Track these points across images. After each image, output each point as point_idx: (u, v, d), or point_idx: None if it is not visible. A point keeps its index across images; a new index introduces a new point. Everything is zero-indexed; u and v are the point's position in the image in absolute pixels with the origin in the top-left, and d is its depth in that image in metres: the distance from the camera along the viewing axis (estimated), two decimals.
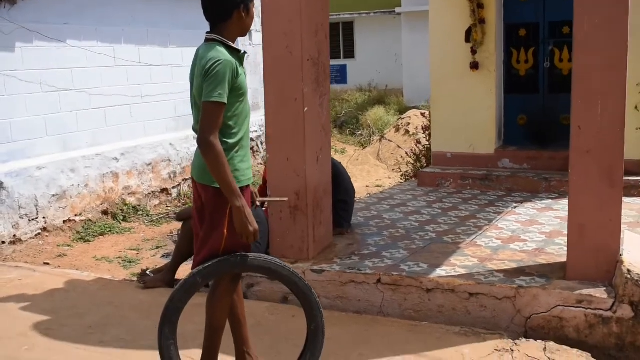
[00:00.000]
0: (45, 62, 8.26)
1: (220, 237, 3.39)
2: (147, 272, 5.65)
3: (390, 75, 22.30)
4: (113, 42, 9.27)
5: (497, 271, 4.87)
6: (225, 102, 3.24)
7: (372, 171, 11.96)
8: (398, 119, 14.41)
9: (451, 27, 8.26)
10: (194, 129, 3.44)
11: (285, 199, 3.92)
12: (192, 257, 5.57)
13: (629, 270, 4.29)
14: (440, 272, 4.91)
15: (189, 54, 10.49)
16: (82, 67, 8.78)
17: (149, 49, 9.90)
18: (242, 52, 3.47)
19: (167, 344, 3.34)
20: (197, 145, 3.34)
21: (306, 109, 5.11)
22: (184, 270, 5.78)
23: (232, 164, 3.36)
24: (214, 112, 3.21)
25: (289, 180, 5.20)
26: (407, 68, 20.81)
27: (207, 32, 3.50)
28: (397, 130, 13.38)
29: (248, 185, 3.53)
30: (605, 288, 4.44)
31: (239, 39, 3.62)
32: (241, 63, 3.43)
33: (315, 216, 5.35)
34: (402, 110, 17.68)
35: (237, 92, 3.36)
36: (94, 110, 8.95)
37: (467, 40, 8.12)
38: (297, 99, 5.09)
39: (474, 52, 8.12)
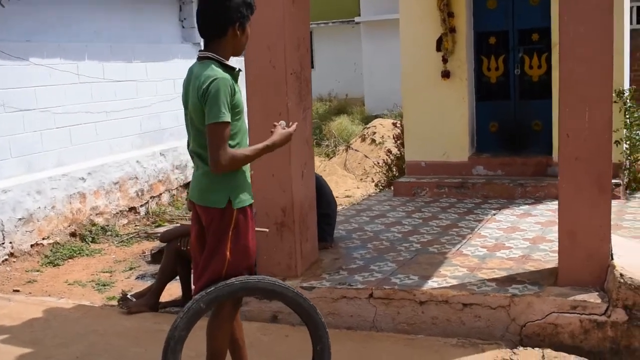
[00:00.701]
0: (7, 82, 8.01)
1: (222, 261, 3.32)
2: (129, 296, 5.48)
3: (350, 85, 22.38)
4: (77, 58, 9.05)
5: (489, 280, 4.86)
6: (229, 120, 3.20)
7: (340, 181, 11.91)
8: (363, 129, 14.41)
9: (422, 36, 8.29)
10: (192, 150, 3.36)
11: (267, 229, 3.88)
12: (177, 277, 5.48)
13: (621, 275, 4.32)
14: (432, 283, 4.88)
15: (153, 68, 10.42)
16: (46, 86, 8.55)
17: (113, 64, 9.70)
18: (237, 69, 3.40)
19: (180, 335, 3.24)
20: (195, 169, 3.33)
21: (291, 123, 5.02)
22: (169, 294, 5.66)
23: (234, 183, 3.33)
24: (220, 133, 3.17)
25: (274, 197, 5.12)
26: (367, 77, 20.90)
27: (200, 51, 3.43)
28: (363, 139, 13.38)
29: (251, 205, 3.44)
30: (597, 293, 4.46)
31: None
32: (236, 80, 3.37)
33: (302, 232, 5.28)
34: (366, 119, 17.72)
35: (234, 110, 3.31)
36: (58, 130, 8.71)
37: (438, 49, 8.15)
38: (281, 113, 5.01)
39: (445, 60, 8.15)
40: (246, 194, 3.40)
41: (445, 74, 8.16)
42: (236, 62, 5.02)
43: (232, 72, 3.36)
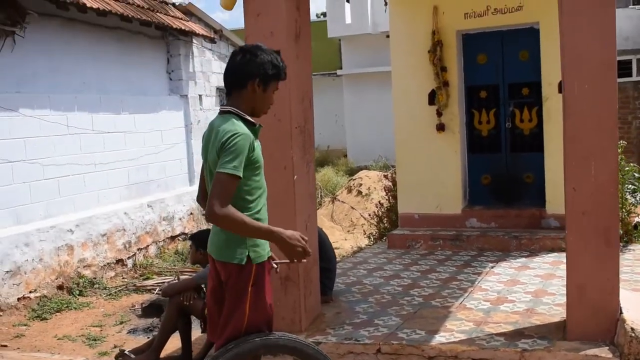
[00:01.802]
0: None
1: (242, 315, 3.27)
2: (127, 352, 5.34)
3: (332, 136, 22.53)
4: (66, 109, 9.02)
5: (497, 334, 4.83)
6: (240, 175, 3.14)
7: (328, 233, 11.80)
8: (349, 180, 14.45)
9: (414, 90, 8.41)
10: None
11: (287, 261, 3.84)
12: (177, 331, 5.37)
13: (632, 329, 4.32)
14: (440, 338, 4.83)
15: (141, 120, 10.41)
16: (36, 137, 8.48)
17: (102, 116, 9.68)
18: (258, 125, 3.39)
19: None
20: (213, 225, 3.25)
21: (295, 176, 5.03)
22: (168, 348, 5.53)
23: (251, 239, 3.27)
24: (226, 184, 3.10)
25: (279, 250, 5.05)
26: (349, 129, 21.08)
27: (222, 105, 3.43)
28: (349, 191, 13.40)
29: (269, 258, 3.41)
30: (608, 347, 4.44)
31: None
32: (256, 136, 3.35)
33: (306, 286, 5.23)
34: (350, 170, 17.78)
35: (254, 165, 3.28)
36: (47, 181, 8.62)
37: (431, 102, 8.26)
38: (286, 166, 5.01)
39: (439, 114, 8.25)
40: (265, 247, 3.37)
41: (441, 127, 8.25)
42: None
43: (253, 127, 3.35)
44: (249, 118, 3.36)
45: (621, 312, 4.52)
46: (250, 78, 3.33)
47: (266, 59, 3.33)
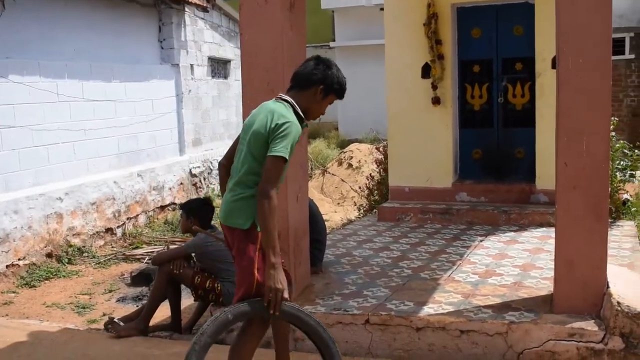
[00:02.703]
0: None
1: (251, 277, 3.45)
2: (116, 320, 5.35)
3: None
4: (56, 77, 8.94)
5: (484, 307, 4.86)
6: (288, 159, 3.39)
7: (318, 205, 11.85)
8: (340, 153, 14.43)
9: (408, 63, 8.36)
10: (236, 176, 3.53)
11: None
12: (167, 299, 5.39)
13: (618, 303, 4.35)
14: (428, 309, 4.86)
15: (132, 88, 10.34)
16: (25, 103, 8.42)
17: (93, 84, 9.60)
18: (305, 124, 3.63)
19: (206, 342, 3.38)
20: (228, 187, 3.55)
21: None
22: (157, 316, 5.54)
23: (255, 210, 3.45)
24: (278, 167, 3.35)
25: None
26: (341, 102, 20.86)
27: (280, 95, 3.65)
28: (340, 163, 13.39)
29: None
30: (594, 320, 4.49)
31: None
32: (302, 133, 3.59)
33: (296, 256, 5.24)
34: (340, 143, 17.75)
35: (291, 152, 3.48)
36: (36, 148, 8.57)
37: (424, 76, 8.23)
38: None
39: (434, 87, 8.22)
40: None
41: (436, 100, 8.22)
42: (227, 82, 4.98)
43: (301, 123, 3.57)
44: (301, 114, 3.57)
45: (608, 287, 4.56)
46: (316, 84, 3.60)
47: (335, 75, 3.63)
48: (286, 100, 3.56)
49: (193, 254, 5.38)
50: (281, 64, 4.98)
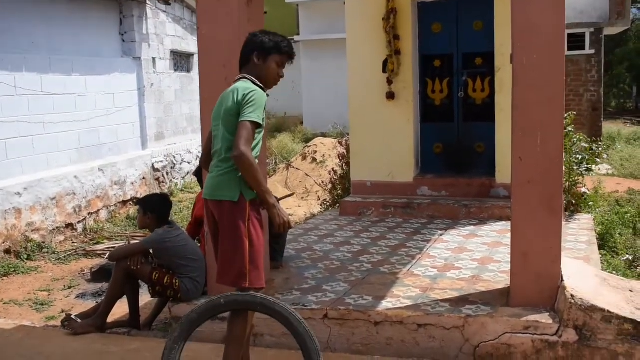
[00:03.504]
0: None
1: (244, 251, 3.58)
2: (73, 317, 5.28)
3: (288, 103, 22.41)
4: (14, 70, 8.78)
5: (442, 301, 4.91)
6: (261, 123, 3.58)
7: (282, 200, 11.85)
8: (304, 147, 14.42)
9: (368, 57, 8.39)
10: (219, 155, 3.70)
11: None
12: (125, 296, 5.34)
13: (572, 296, 4.42)
14: (386, 304, 4.88)
15: (93, 82, 10.21)
16: None
17: (52, 77, 9.45)
18: (266, 92, 3.75)
19: (172, 345, 3.52)
20: (211, 167, 3.73)
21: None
22: (117, 312, 5.50)
23: (242, 181, 3.61)
24: (250, 130, 3.51)
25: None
26: (306, 96, 20.99)
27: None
28: (304, 158, 13.38)
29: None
30: (549, 313, 4.55)
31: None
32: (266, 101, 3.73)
33: None
34: (305, 138, 17.75)
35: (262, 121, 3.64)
36: None
37: (384, 70, 8.26)
38: None
39: (389, 82, 8.27)
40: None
41: (390, 95, 8.27)
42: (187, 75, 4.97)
43: (263, 91, 3.74)
44: (258, 83, 3.74)
45: (562, 280, 4.63)
46: (251, 52, 3.82)
47: (264, 38, 3.81)
48: (243, 77, 3.76)
49: (151, 250, 5.33)
50: (238, 59, 4.94)
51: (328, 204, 9.62)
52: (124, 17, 11.32)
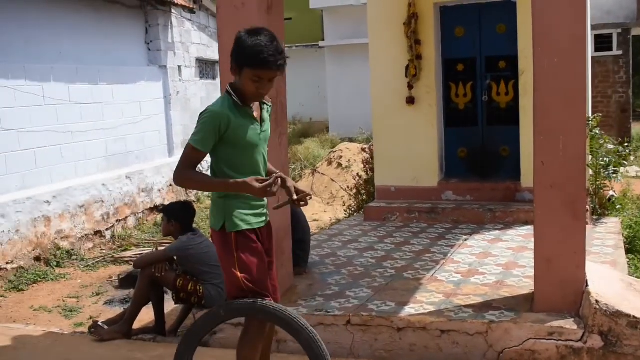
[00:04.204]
0: None
1: (234, 278, 3.45)
2: (100, 324, 5.36)
3: (314, 108, 22.47)
4: (42, 80, 8.94)
5: (465, 306, 4.89)
6: (200, 148, 3.35)
7: (307, 205, 11.87)
8: (329, 152, 14.44)
9: (391, 62, 8.39)
10: None
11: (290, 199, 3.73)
12: (150, 303, 5.40)
13: (597, 301, 4.38)
14: (409, 310, 4.88)
15: (120, 90, 10.34)
16: (10, 107, 8.42)
17: (79, 86, 9.60)
18: (249, 108, 3.44)
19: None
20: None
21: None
22: (139, 320, 5.56)
23: (229, 210, 3.43)
24: (188, 152, 3.37)
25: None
26: (331, 101, 21.01)
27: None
28: (330, 163, 13.39)
29: (256, 229, 3.52)
30: (573, 319, 4.51)
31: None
32: (245, 116, 3.42)
33: (278, 257, 5.21)
34: (331, 143, 17.76)
35: (232, 142, 3.39)
36: (23, 152, 8.57)
37: (407, 75, 8.25)
38: None
39: (410, 87, 8.26)
40: (245, 219, 3.46)
41: (410, 100, 8.27)
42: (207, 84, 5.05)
43: (239, 108, 3.40)
44: (236, 99, 3.40)
45: (587, 285, 4.59)
46: (231, 63, 3.41)
47: (240, 46, 3.33)
48: (226, 89, 3.47)
49: (175, 257, 5.39)
50: None
51: (353, 209, 9.62)
52: (150, 26, 11.46)
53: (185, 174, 3.36)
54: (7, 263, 7.96)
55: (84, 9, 9.87)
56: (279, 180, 3.36)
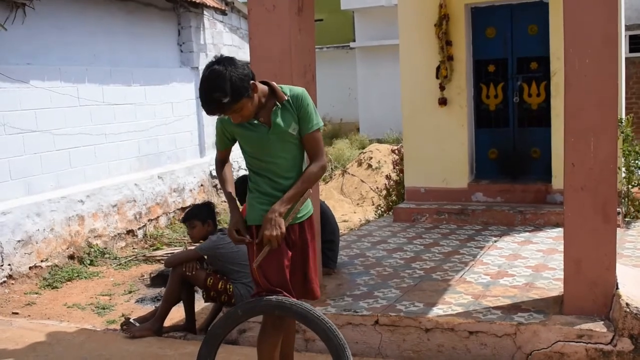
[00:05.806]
0: (8, 104, 8.04)
1: (253, 273, 3.58)
2: (132, 321, 5.46)
3: (345, 109, 22.48)
4: (76, 81, 9.09)
5: (494, 308, 4.88)
6: (218, 148, 3.77)
7: (337, 206, 11.92)
8: (360, 153, 14.46)
9: (421, 63, 8.38)
10: None
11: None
12: (180, 301, 5.48)
13: (627, 304, 4.34)
14: (437, 310, 4.89)
15: (152, 92, 10.47)
16: (46, 108, 8.58)
17: (113, 87, 9.75)
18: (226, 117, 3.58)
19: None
20: None
21: None
22: (170, 318, 5.64)
23: (253, 202, 3.62)
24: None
25: None
26: (362, 102, 21.02)
27: None
28: (360, 164, 13.42)
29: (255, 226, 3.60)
30: (603, 322, 4.47)
31: None
32: (245, 125, 3.55)
33: None
34: (361, 144, 17.77)
35: (240, 146, 3.67)
36: (58, 152, 8.73)
37: (438, 76, 8.24)
38: None
39: (442, 88, 8.25)
40: (251, 214, 3.60)
41: (442, 101, 8.25)
42: None
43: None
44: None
45: (617, 288, 4.55)
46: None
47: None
48: None
49: (205, 256, 5.46)
50: (289, 69, 5.03)
51: (382, 210, 9.63)
52: (182, 27, 11.58)
53: (215, 168, 3.79)
54: (42, 261, 8.12)
55: (118, 11, 10.03)
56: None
